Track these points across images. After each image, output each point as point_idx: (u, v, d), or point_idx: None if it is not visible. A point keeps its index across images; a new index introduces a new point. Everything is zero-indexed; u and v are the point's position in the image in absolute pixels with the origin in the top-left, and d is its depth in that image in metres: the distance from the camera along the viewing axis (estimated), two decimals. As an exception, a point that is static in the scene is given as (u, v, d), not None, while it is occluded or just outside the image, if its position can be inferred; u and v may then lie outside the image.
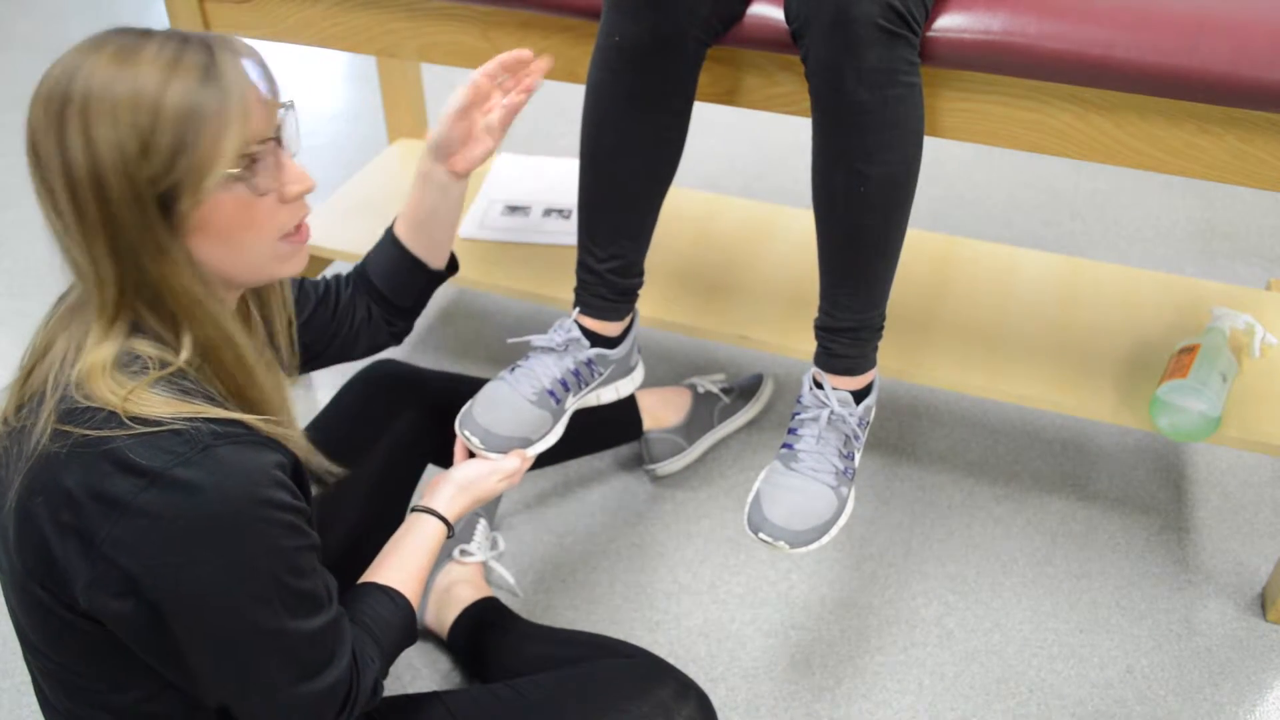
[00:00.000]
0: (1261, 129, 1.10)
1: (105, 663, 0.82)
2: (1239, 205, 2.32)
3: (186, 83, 0.74)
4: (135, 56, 0.74)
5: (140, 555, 0.74)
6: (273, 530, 0.77)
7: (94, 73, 0.74)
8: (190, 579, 0.75)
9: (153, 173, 0.74)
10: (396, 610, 0.97)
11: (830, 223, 1.13)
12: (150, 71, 0.74)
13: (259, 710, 0.83)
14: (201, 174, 0.75)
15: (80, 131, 0.73)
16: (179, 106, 0.73)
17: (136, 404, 0.75)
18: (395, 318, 1.20)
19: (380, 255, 1.18)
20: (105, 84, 0.73)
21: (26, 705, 1.30)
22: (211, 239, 0.79)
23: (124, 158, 0.73)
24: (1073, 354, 1.50)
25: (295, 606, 0.81)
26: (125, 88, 0.73)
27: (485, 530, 1.46)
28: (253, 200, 0.80)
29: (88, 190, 0.74)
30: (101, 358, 0.77)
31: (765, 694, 1.33)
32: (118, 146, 0.73)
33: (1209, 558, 1.51)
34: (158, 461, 0.73)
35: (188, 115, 0.74)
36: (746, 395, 1.70)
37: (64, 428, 0.75)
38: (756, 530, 1.13)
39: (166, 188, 0.75)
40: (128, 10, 3.22)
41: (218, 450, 0.75)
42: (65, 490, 0.74)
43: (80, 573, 0.75)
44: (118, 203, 0.74)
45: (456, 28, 1.37)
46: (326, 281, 1.17)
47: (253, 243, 0.82)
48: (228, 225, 0.79)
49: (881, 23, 1.00)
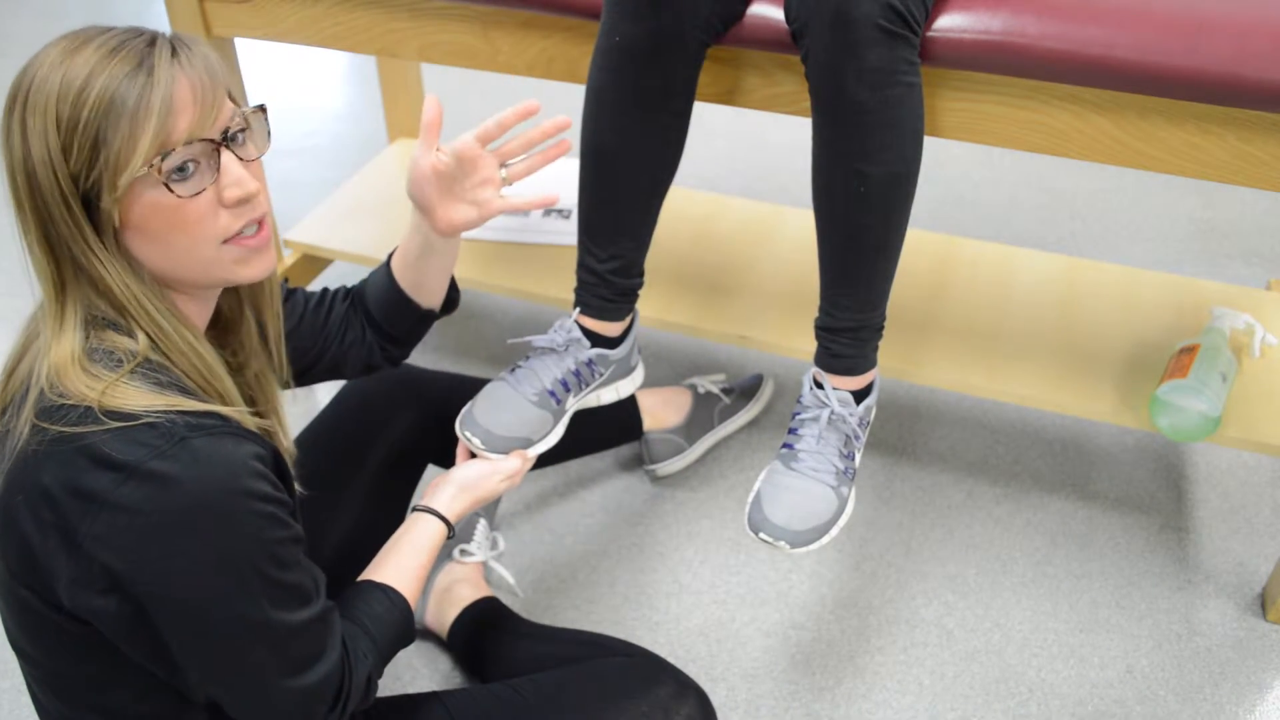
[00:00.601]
0: (1261, 129, 1.10)
1: (93, 663, 0.82)
2: (1239, 205, 2.32)
3: (112, 76, 0.72)
4: (80, 49, 0.74)
5: (120, 550, 0.73)
6: (253, 521, 0.76)
7: (41, 64, 0.74)
8: (171, 572, 0.74)
9: (75, 169, 0.74)
10: (393, 608, 0.96)
11: (830, 223, 1.13)
12: (83, 64, 0.73)
13: (248, 705, 0.83)
14: (117, 171, 0.73)
15: (19, 124, 0.74)
16: (99, 100, 0.72)
17: (112, 398, 0.75)
18: (388, 344, 1.16)
19: (377, 281, 1.15)
20: (45, 76, 0.73)
21: (25, 705, 1.30)
22: (144, 238, 0.78)
23: (50, 153, 0.73)
24: (1073, 354, 1.50)
25: (280, 599, 0.80)
26: (58, 79, 0.73)
27: (485, 530, 1.46)
28: (179, 202, 0.77)
29: (22, 184, 0.75)
30: (66, 350, 0.77)
31: (765, 694, 1.33)
32: (44, 140, 0.73)
33: (1209, 558, 1.51)
34: (134, 455, 0.73)
35: (106, 109, 0.72)
36: (746, 395, 1.70)
37: (41, 425, 0.75)
38: (757, 530, 1.13)
39: (89, 185, 0.74)
40: (127, 10, 3.21)
41: (193, 442, 0.74)
42: (43, 488, 0.74)
43: (62, 571, 0.75)
44: (46, 198, 0.74)
45: (457, 28, 1.37)
46: (322, 293, 1.15)
47: (189, 245, 0.79)
48: (156, 226, 0.77)
49: (881, 23, 1.00)
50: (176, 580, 0.75)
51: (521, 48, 1.34)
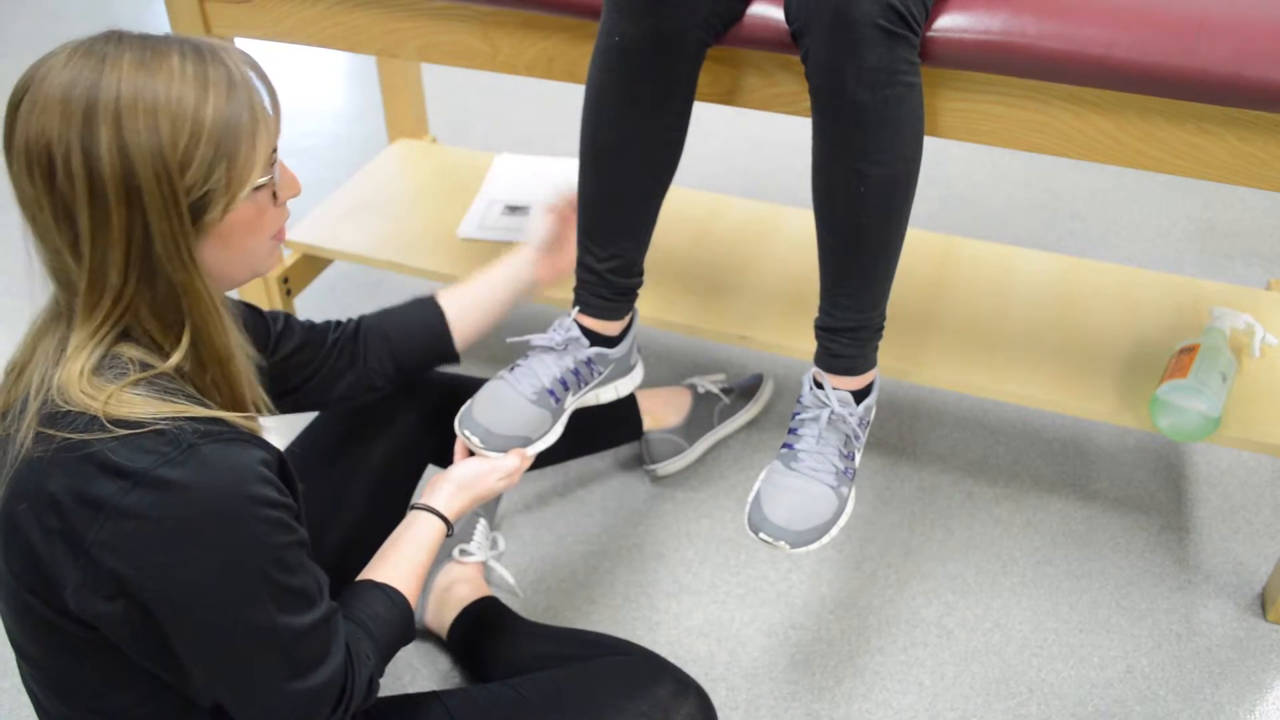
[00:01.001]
0: (1261, 129, 1.10)
1: (98, 667, 0.82)
2: (1239, 205, 2.32)
3: (218, 97, 0.76)
4: (159, 64, 0.75)
5: (128, 556, 0.74)
6: (261, 527, 0.77)
7: (121, 79, 0.73)
8: (179, 578, 0.75)
9: (189, 182, 0.75)
10: (393, 607, 0.97)
11: (830, 223, 1.13)
12: (182, 83, 0.75)
13: (253, 708, 0.83)
14: (240, 184, 0.78)
15: (113, 137, 0.73)
16: (217, 121, 0.76)
17: (117, 406, 0.75)
18: (390, 378, 1.21)
19: (413, 320, 1.22)
20: (137, 90, 0.73)
21: (26, 705, 1.30)
22: (221, 244, 0.81)
23: (164, 164, 0.74)
24: (1073, 354, 1.50)
25: (286, 603, 0.80)
26: (161, 96, 0.74)
27: (485, 530, 1.46)
28: (266, 206, 0.83)
29: (116, 196, 0.74)
30: (81, 364, 0.77)
31: (765, 694, 1.33)
32: (156, 153, 0.74)
33: (1209, 558, 1.51)
34: (142, 462, 0.73)
35: (224, 129, 0.76)
36: (746, 395, 1.70)
37: (46, 432, 0.75)
38: (757, 530, 1.13)
39: (198, 197, 0.76)
40: (127, 10, 3.21)
41: (202, 449, 0.75)
42: (50, 495, 0.74)
43: (69, 577, 0.75)
44: (150, 209, 0.75)
45: (457, 28, 1.36)
46: (314, 323, 1.18)
47: (254, 246, 0.84)
48: (241, 230, 0.82)
49: (881, 23, 1.00)
50: (184, 585, 0.75)
51: (521, 48, 1.34)
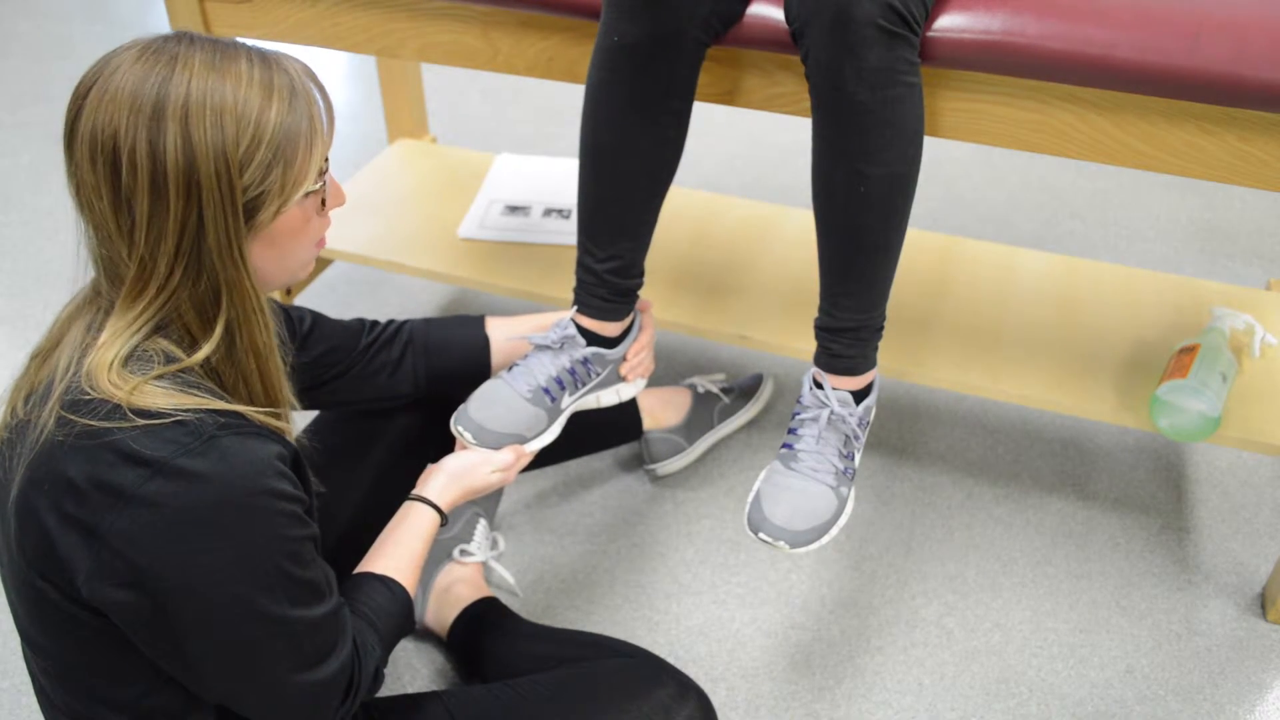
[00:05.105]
0: (1261, 129, 1.10)
1: (106, 656, 0.83)
2: (1239, 205, 2.32)
3: (281, 103, 0.78)
4: (228, 68, 0.77)
5: (144, 545, 0.74)
6: (276, 519, 0.78)
7: (191, 78, 0.76)
8: (194, 568, 0.76)
9: (247, 182, 0.77)
10: (394, 599, 0.98)
11: (830, 222, 1.13)
12: (249, 87, 0.77)
13: (262, 701, 0.84)
14: (294, 188, 0.81)
15: (179, 132, 0.75)
16: (279, 126, 0.78)
17: (140, 397, 0.76)
18: (407, 384, 1.26)
19: (464, 341, 1.28)
20: (206, 90, 0.76)
21: (26, 705, 1.30)
22: (270, 246, 0.83)
23: (226, 163, 0.76)
24: (1073, 354, 1.50)
25: (297, 596, 0.81)
26: (228, 98, 0.76)
27: (485, 530, 1.46)
28: (313, 213, 0.85)
29: (176, 189, 0.76)
30: (114, 353, 0.78)
31: (765, 694, 1.33)
32: (219, 151, 0.76)
33: (1209, 558, 1.51)
34: (162, 451, 0.74)
35: (284, 134, 0.78)
36: (746, 395, 1.70)
37: (68, 418, 0.76)
38: (756, 530, 1.13)
39: (253, 197, 0.78)
40: (127, 10, 3.22)
41: (222, 440, 0.76)
42: (68, 480, 0.75)
43: (82, 563, 0.76)
44: (207, 204, 0.76)
45: (456, 28, 1.37)
46: (347, 323, 1.23)
47: (298, 250, 0.86)
48: (288, 234, 0.84)
49: (881, 23, 1.00)
50: (198, 576, 0.76)
51: (521, 48, 1.34)
